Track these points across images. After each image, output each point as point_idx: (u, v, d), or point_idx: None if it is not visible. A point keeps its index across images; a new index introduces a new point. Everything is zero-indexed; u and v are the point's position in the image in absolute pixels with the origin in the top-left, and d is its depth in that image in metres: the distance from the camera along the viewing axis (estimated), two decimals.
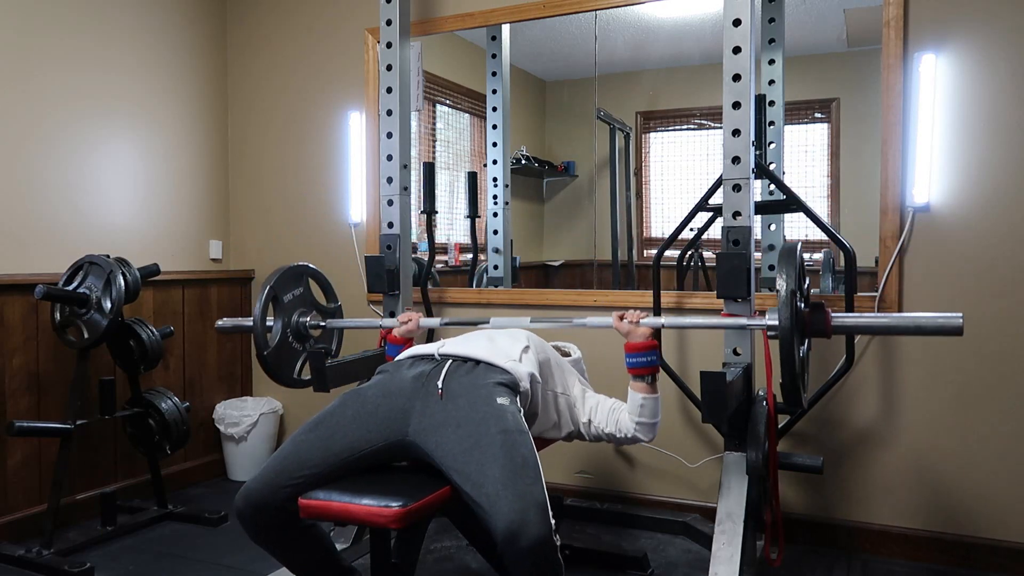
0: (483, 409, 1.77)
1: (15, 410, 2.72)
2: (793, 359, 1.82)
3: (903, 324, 1.93)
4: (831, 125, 2.90)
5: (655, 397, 2.02)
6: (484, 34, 3.24)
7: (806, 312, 1.93)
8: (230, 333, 2.74)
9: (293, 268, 2.46)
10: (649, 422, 2.03)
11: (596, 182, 3.35)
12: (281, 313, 2.41)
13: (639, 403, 2.01)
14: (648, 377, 2.02)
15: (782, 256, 1.90)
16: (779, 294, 1.83)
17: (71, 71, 2.93)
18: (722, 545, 1.97)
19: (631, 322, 2.04)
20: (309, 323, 2.48)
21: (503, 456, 1.64)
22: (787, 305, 1.81)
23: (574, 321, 2.21)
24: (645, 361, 2.02)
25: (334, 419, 1.85)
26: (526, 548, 1.51)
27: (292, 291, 2.44)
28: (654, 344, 2.03)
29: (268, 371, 2.38)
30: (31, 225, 2.80)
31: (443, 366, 1.92)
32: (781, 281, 1.84)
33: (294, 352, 2.46)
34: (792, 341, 1.81)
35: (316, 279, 2.59)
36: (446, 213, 3.47)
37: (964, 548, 2.45)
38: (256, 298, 2.34)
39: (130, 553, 2.63)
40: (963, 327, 1.81)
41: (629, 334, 2.03)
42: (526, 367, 1.95)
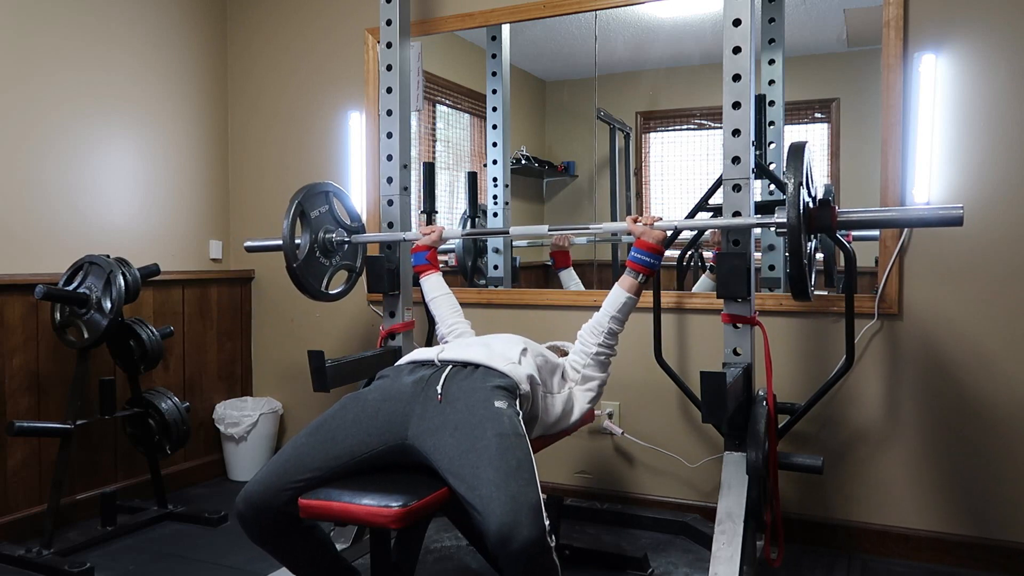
0: (480, 412, 1.77)
1: (15, 410, 2.72)
2: (800, 251, 1.90)
3: (905, 217, 2.08)
4: (831, 125, 2.90)
5: (636, 299, 2.16)
6: (484, 34, 3.24)
7: (813, 208, 2.01)
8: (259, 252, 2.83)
9: (317, 185, 2.60)
10: (622, 316, 2.15)
11: (596, 182, 3.35)
12: (308, 228, 2.53)
13: (623, 300, 2.14)
14: (643, 276, 2.15)
15: (790, 154, 1.95)
16: (788, 189, 1.89)
17: (71, 71, 2.93)
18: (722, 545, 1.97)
19: (646, 223, 2.18)
20: (335, 239, 2.63)
21: (498, 459, 1.64)
22: (794, 198, 1.88)
23: (591, 227, 2.59)
24: (648, 261, 2.15)
25: (334, 423, 1.86)
26: (518, 550, 1.51)
27: (318, 208, 2.58)
28: (661, 249, 2.17)
29: (297, 283, 2.50)
30: (31, 225, 2.80)
31: (443, 371, 1.93)
32: (790, 176, 1.90)
33: (321, 266, 2.61)
34: (800, 233, 1.88)
35: (339, 199, 2.71)
36: (446, 213, 3.47)
37: (964, 548, 2.45)
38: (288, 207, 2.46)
39: (130, 553, 2.63)
40: (963, 218, 1.90)
41: (643, 234, 2.17)
42: (525, 369, 1.96)
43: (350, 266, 2.74)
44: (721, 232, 2.22)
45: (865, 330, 2.55)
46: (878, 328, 2.54)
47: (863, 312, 2.52)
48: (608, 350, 2.17)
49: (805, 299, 2.02)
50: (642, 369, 2.79)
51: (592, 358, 2.16)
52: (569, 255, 3.21)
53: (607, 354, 2.17)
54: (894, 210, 2.10)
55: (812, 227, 2.03)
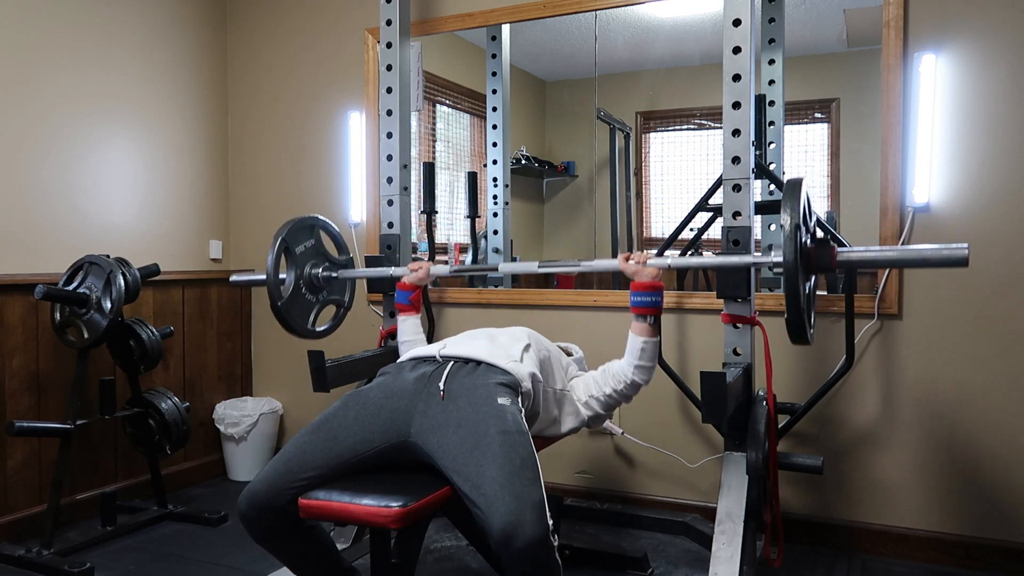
0: (483, 409, 1.77)
1: (15, 410, 2.72)
2: (798, 293, 1.83)
3: (908, 257, 1.95)
4: (831, 125, 2.90)
5: (655, 340, 2.06)
6: (484, 34, 3.24)
7: (811, 247, 1.94)
8: (244, 287, 2.76)
9: (303, 219, 2.50)
10: (647, 365, 2.07)
11: (596, 182, 3.35)
12: (294, 264, 2.46)
13: (640, 346, 2.05)
14: (650, 317, 2.05)
15: (787, 191, 1.89)
16: (783, 229, 1.83)
17: (71, 71, 2.93)
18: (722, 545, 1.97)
19: (638, 262, 2.08)
20: (321, 274, 2.53)
21: (502, 457, 1.64)
22: (791, 240, 1.81)
23: (581, 264, 2.28)
24: (650, 300, 2.05)
25: (336, 421, 1.85)
26: (521, 548, 1.51)
27: (304, 243, 2.49)
28: (660, 285, 2.07)
29: (282, 322, 2.43)
30: (31, 225, 2.80)
31: (445, 367, 1.92)
32: (786, 216, 1.83)
33: (307, 303, 2.52)
34: (797, 275, 1.81)
35: (327, 231, 2.63)
36: (446, 213, 3.47)
37: (964, 548, 2.45)
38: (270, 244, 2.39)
39: (130, 553, 2.63)
40: (968, 258, 1.81)
41: (636, 274, 2.07)
42: (527, 367, 1.95)
43: (338, 301, 2.67)
44: (721, 232, 2.22)
45: (865, 330, 2.55)
46: (878, 328, 2.54)
47: (863, 312, 2.52)
48: (621, 398, 2.13)
49: (804, 342, 1.92)
50: None
51: (603, 396, 2.12)
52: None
53: (618, 401, 2.14)
54: (897, 249, 1.95)
55: (810, 267, 1.94)
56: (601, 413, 2.17)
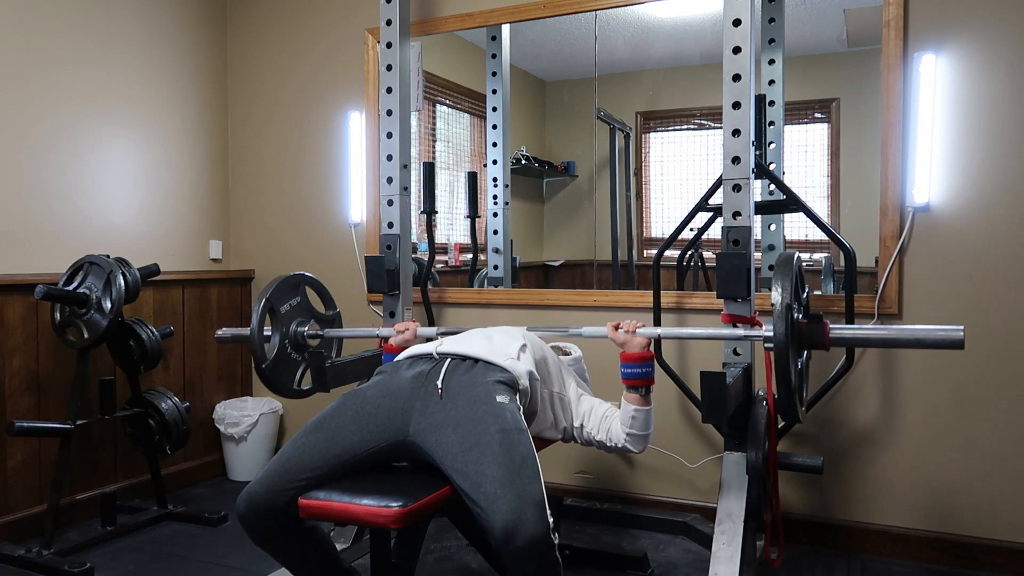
0: (482, 408, 1.77)
1: (15, 410, 2.72)
2: (788, 374, 1.78)
3: (902, 337, 1.89)
4: (831, 125, 2.90)
5: (647, 409, 1.99)
6: (484, 34, 3.24)
7: (804, 323, 1.90)
8: (229, 343, 2.74)
9: (289, 278, 2.46)
10: (640, 434, 2.00)
11: (596, 182, 3.35)
12: (278, 324, 2.40)
13: (631, 415, 1.98)
14: (642, 389, 1.98)
15: (778, 266, 1.86)
16: (774, 308, 1.79)
17: (71, 71, 2.93)
18: (722, 545, 1.97)
19: (627, 331, 2.01)
20: (307, 332, 2.48)
21: (502, 455, 1.64)
22: (782, 319, 1.77)
23: (570, 331, 2.19)
24: (640, 372, 1.97)
25: (334, 420, 1.85)
26: (523, 547, 1.51)
27: (289, 301, 2.44)
28: (650, 355, 2.00)
29: (267, 383, 2.38)
30: (31, 225, 2.80)
31: (442, 365, 1.92)
32: (776, 295, 1.80)
33: (293, 363, 2.46)
34: (788, 356, 1.77)
35: (313, 287, 2.59)
36: (446, 213, 3.47)
37: (964, 548, 2.45)
38: (254, 305, 2.34)
39: (130, 553, 2.63)
40: (964, 340, 1.77)
41: (625, 344, 2.00)
42: (524, 365, 1.95)
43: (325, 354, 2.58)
44: (721, 232, 2.22)
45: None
46: None
47: (863, 312, 2.52)
48: (605, 450, 2.10)
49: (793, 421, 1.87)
50: None
51: (593, 437, 2.08)
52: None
53: (604, 450, 2.10)
54: (891, 329, 1.90)
55: (803, 344, 1.91)
56: (579, 443, 2.14)
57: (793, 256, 1.90)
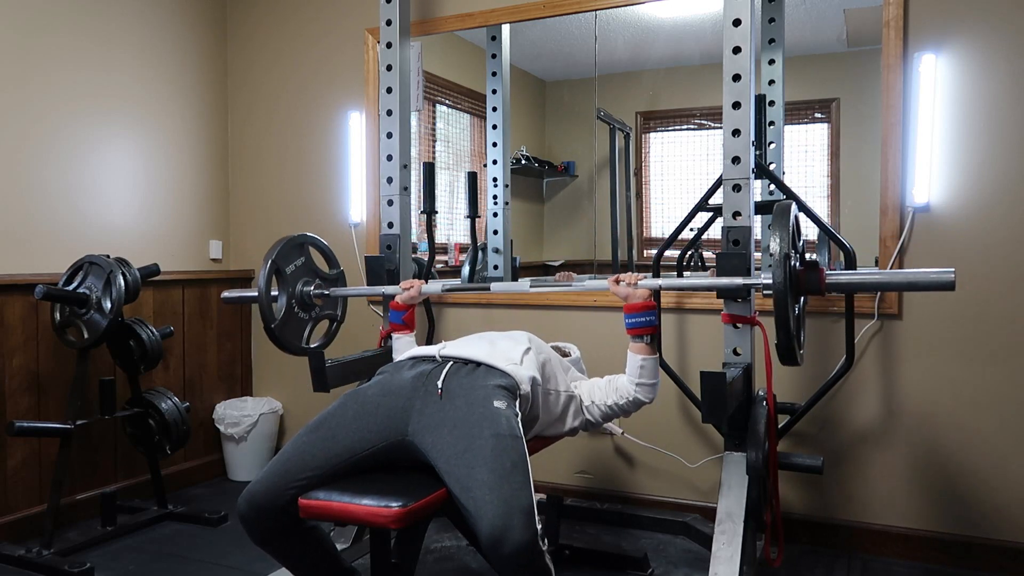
0: (479, 411, 1.77)
1: (15, 410, 2.72)
2: (787, 318, 1.84)
3: (896, 280, 1.98)
4: (831, 125, 2.90)
5: (654, 358, 2.05)
6: (484, 34, 3.24)
7: (801, 270, 1.96)
8: (236, 304, 2.77)
9: (293, 239, 2.51)
10: (649, 383, 2.05)
11: (596, 182, 3.35)
12: (285, 285, 2.46)
13: (639, 364, 2.04)
14: (647, 337, 2.04)
15: (775, 216, 1.91)
16: (773, 256, 1.84)
17: (71, 71, 2.93)
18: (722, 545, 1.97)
19: (628, 284, 2.07)
20: (313, 292, 2.53)
21: (492, 460, 1.64)
22: (780, 265, 1.83)
23: (573, 285, 2.30)
24: (644, 321, 2.03)
25: (335, 420, 1.85)
26: (509, 554, 1.51)
27: (294, 262, 2.49)
28: (652, 305, 2.05)
29: (277, 343, 2.44)
30: (31, 225, 2.80)
31: (444, 367, 1.92)
32: (775, 243, 1.85)
33: (300, 321, 2.52)
34: (787, 300, 1.83)
35: (317, 247, 2.64)
36: (446, 213, 3.47)
37: (964, 548, 2.45)
38: (261, 266, 2.39)
39: (130, 553, 2.63)
40: (955, 282, 1.84)
41: (628, 297, 2.06)
42: (527, 370, 1.95)
43: (331, 316, 2.65)
44: (721, 232, 2.22)
45: (865, 330, 2.55)
46: (878, 328, 2.54)
47: (863, 312, 2.52)
48: (621, 412, 2.12)
49: (793, 363, 1.95)
50: None
51: (604, 406, 2.11)
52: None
53: (617, 414, 2.13)
54: (886, 274, 2.00)
55: (800, 290, 1.97)
56: (599, 422, 2.15)
57: (790, 206, 1.94)
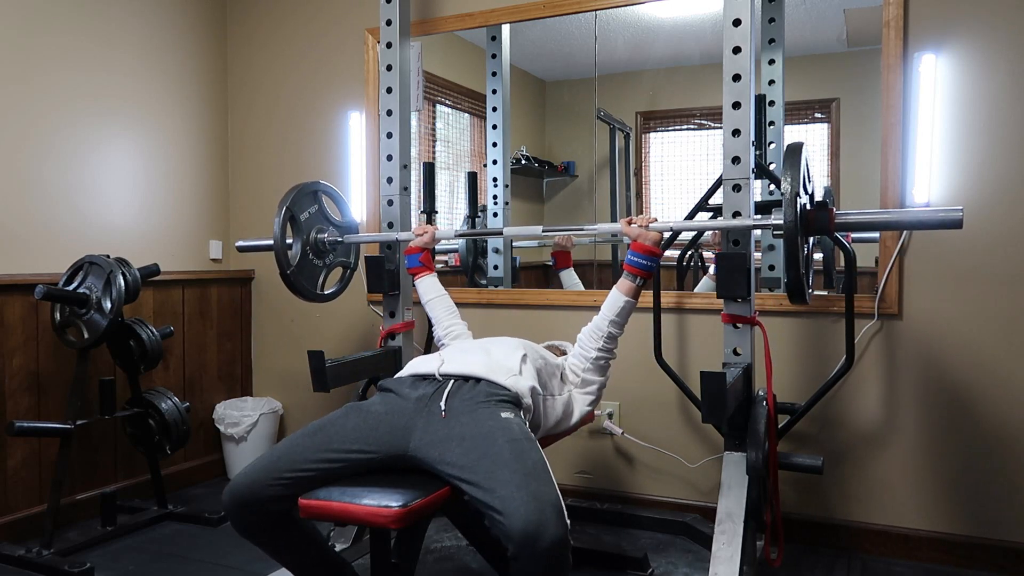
0: (488, 424, 1.77)
1: (15, 410, 2.72)
2: (798, 257, 1.89)
3: (904, 219, 2.05)
4: (831, 125, 2.90)
5: (634, 303, 2.14)
6: (484, 34, 3.24)
7: (811, 211, 1.99)
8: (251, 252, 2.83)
9: (307, 185, 2.57)
10: (621, 320, 2.14)
11: (596, 182, 3.35)
12: (299, 232, 2.52)
13: (621, 304, 2.12)
14: (640, 280, 2.13)
15: (787, 154, 1.94)
16: (784, 196, 1.87)
17: (71, 71, 2.93)
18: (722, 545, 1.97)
19: (640, 225, 2.15)
20: (327, 239, 2.60)
21: (513, 461, 1.64)
22: (791, 204, 1.86)
23: (585, 227, 2.44)
24: (645, 264, 2.12)
25: (334, 428, 1.86)
26: (544, 549, 1.50)
27: (308, 209, 2.55)
28: (658, 251, 2.14)
29: (293, 289, 2.51)
30: (31, 225, 2.80)
31: (445, 387, 1.93)
32: (786, 184, 1.88)
33: (315, 268, 2.60)
34: (797, 239, 1.87)
35: (329, 195, 2.68)
36: (446, 213, 3.47)
37: (964, 548, 2.45)
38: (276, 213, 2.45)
39: (130, 553, 2.63)
40: (963, 220, 1.87)
41: (638, 236, 2.14)
42: (527, 380, 1.96)
43: (344, 263, 2.74)
44: (721, 232, 2.22)
45: (865, 330, 2.55)
46: (878, 328, 2.54)
47: (863, 312, 2.52)
48: (607, 354, 2.16)
49: (802, 302, 2.01)
50: (642, 369, 2.79)
51: (592, 362, 2.16)
52: (570, 256, 3.23)
53: (606, 358, 2.17)
54: (893, 212, 2.08)
55: (810, 229, 2.00)
56: (597, 379, 2.19)
57: (801, 147, 1.96)
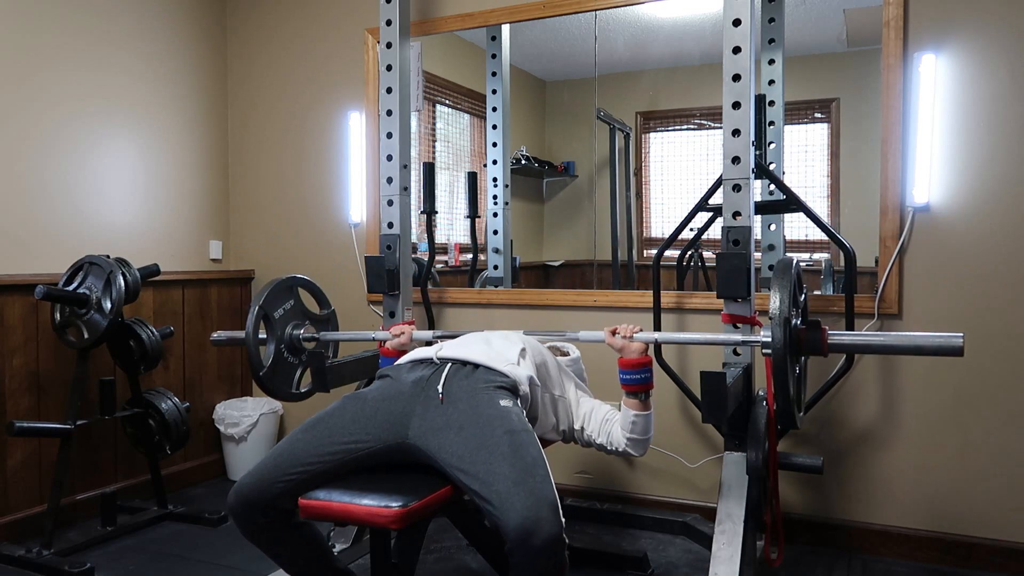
0: (487, 412, 1.77)
1: (15, 410, 2.72)
2: (787, 382, 1.77)
3: (901, 344, 1.89)
4: (831, 125, 2.90)
5: (647, 415, 1.99)
6: (484, 34, 3.24)
7: (802, 330, 1.89)
8: (225, 346, 2.73)
9: (281, 282, 2.45)
10: (640, 439, 2.00)
11: (596, 182, 3.35)
12: (273, 329, 2.40)
13: (631, 420, 1.99)
14: (641, 395, 1.98)
15: (776, 273, 1.85)
16: (772, 317, 1.78)
17: (71, 71, 2.93)
18: (722, 545, 1.97)
19: (624, 337, 2.01)
20: (303, 335, 2.47)
21: (511, 455, 1.64)
22: (781, 328, 1.76)
23: (567, 334, 2.19)
24: (638, 379, 1.98)
25: (332, 420, 1.86)
26: (540, 546, 1.51)
27: (283, 305, 2.43)
28: (648, 360, 2.00)
29: (265, 390, 2.38)
30: (31, 225, 2.80)
31: (443, 370, 1.92)
32: (775, 304, 1.79)
33: (290, 366, 2.46)
34: (786, 365, 1.77)
35: (306, 288, 2.58)
36: (446, 213, 3.47)
37: (964, 548, 2.45)
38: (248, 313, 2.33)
39: (130, 553, 2.63)
40: (963, 348, 1.77)
41: (623, 349, 2.00)
42: (524, 370, 1.96)
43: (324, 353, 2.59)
44: (721, 232, 2.22)
45: (865, 330, 2.55)
46: (878, 328, 2.54)
47: (863, 312, 2.52)
48: (605, 452, 2.09)
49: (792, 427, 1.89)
50: None
51: (592, 440, 2.09)
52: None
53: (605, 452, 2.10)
54: (890, 336, 1.91)
55: (801, 351, 1.91)
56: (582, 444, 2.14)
57: (792, 262, 1.89)
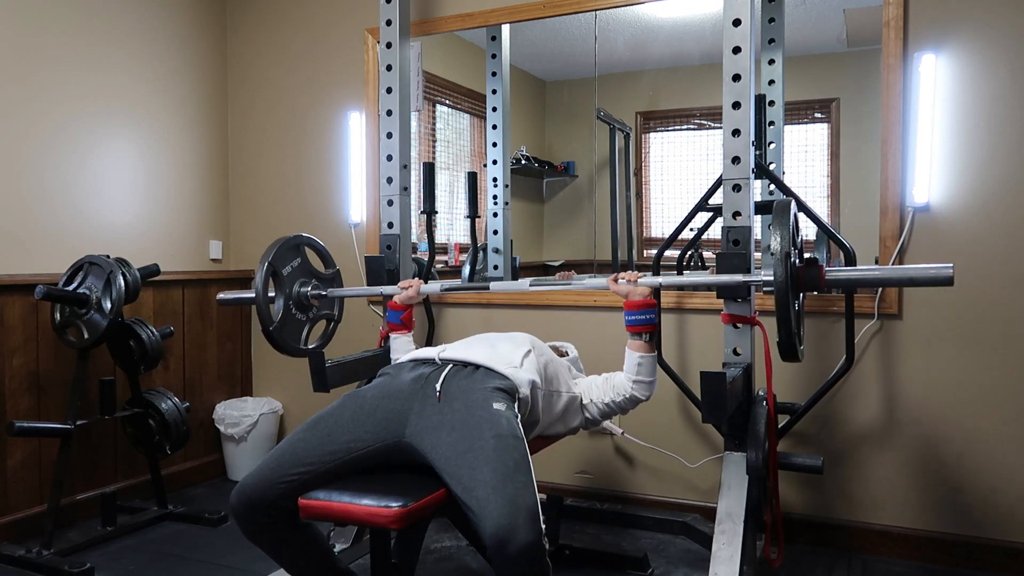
0: (479, 413, 1.77)
1: (15, 410, 2.72)
2: (789, 315, 1.85)
3: (895, 276, 2.04)
4: (831, 125, 2.90)
5: (652, 356, 2.07)
6: (484, 34, 3.24)
7: (800, 267, 1.97)
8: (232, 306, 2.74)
9: (289, 239, 2.48)
10: (647, 380, 2.07)
11: (596, 182, 3.35)
12: (282, 287, 2.43)
13: (636, 361, 2.05)
14: (646, 335, 2.05)
15: (775, 214, 1.92)
16: (774, 255, 1.85)
17: (71, 71, 2.93)
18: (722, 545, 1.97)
19: (629, 281, 2.08)
20: (310, 293, 2.51)
21: (495, 460, 1.64)
22: (781, 263, 1.83)
23: (572, 284, 2.29)
24: (644, 319, 2.04)
25: (332, 419, 1.86)
26: (515, 553, 1.51)
27: (290, 263, 2.47)
28: (652, 303, 2.06)
29: (275, 345, 2.41)
30: (31, 225, 2.80)
31: (443, 370, 1.92)
32: (775, 241, 1.86)
33: (298, 323, 2.50)
34: (788, 297, 1.84)
35: (313, 247, 2.62)
36: (446, 213, 3.47)
37: (964, 548, 2.45)
38: (257, 269, 2.36)
39: (130, 553, 2.63)
40: (953, 277, 1.85)
41: (628, 294, 2.07)
42: (527, 374, 1.95)
43: (328, 316, 2.62)
44: (721, 232, 2.22)
45: (865, 330, 2.55)
46: (878, 328, 2.54)
47: (863, 312, 2.52)
48: (618, 409, 2.13)
49: (794, 360, 1.98)
50: None
51: (601, 404, 2.13)
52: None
53: (615, 411, 2.14)
54: (884, 269, 2.03)
55: (800, 287, 1.98)
56: (597, 419, 2.17)
57: (789, 204, 1.95)
